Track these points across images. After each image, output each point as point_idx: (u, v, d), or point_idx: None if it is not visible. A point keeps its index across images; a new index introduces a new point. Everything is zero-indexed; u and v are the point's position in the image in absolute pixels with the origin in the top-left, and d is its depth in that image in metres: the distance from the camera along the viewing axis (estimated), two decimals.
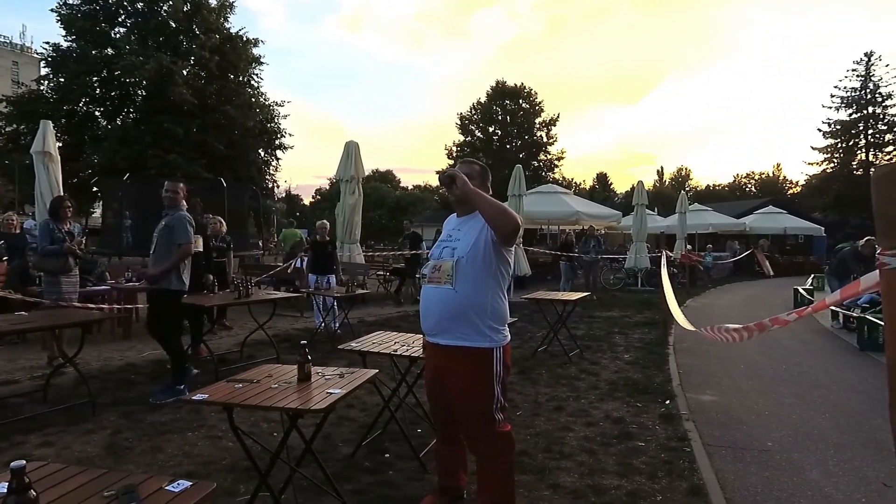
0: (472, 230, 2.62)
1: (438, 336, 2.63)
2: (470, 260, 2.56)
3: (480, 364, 2.53)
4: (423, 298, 2.70)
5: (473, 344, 2.53)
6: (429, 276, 2.66)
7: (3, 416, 4.25)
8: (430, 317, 2.64)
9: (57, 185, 9.93)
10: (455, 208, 2.82)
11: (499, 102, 44.37)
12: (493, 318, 2.57)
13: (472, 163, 2.85)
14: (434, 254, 2.74)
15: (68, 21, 25.67)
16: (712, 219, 23.43)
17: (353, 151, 11.45)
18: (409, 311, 10.33)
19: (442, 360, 2.63)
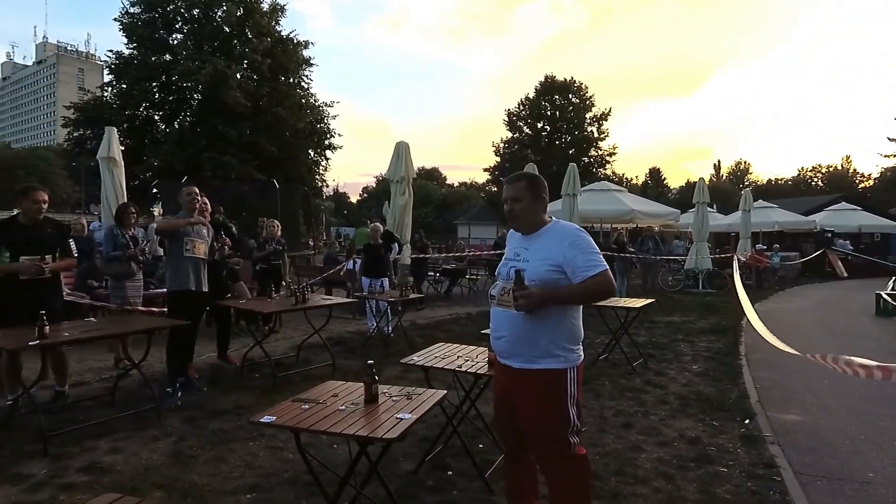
0: (541, 252, 2.46)
1: (510, 359, 2.50)
2: (541, 284, 2.40)
3: (553, 386, 2.41)
4: (493, 320, 2.57)
5: (546, 366, 2.41)
6: (497, 297, 2.51)
7: (75, 419, 4.36)
8: (501, 340, 2.52)
9: (121, 188, 10.26)
10: (515, 228, 2.64)
11: (548, 98, 43.57)
12: (567, 339, 2.45)
13: (516, 179, 2.60)
14: (501, 273, 2.58)
15: (129, 29, 26.68)
16: (778, 216, 22.17)
17: (404, 152, 11.39)
18: (461, 313, 10.25)
19: (513, 381, 2.50)
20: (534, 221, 2.53)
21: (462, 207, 58.15)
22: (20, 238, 4.49)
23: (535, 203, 2.52)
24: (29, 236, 4.51)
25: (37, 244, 4.50)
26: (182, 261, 5.21)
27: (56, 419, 4.32)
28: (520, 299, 2.33)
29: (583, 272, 2.36)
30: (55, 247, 4.64)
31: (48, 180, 43.60)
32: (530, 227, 2.53)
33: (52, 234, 4.70)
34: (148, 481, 3.41)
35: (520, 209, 2.52)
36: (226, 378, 5.70)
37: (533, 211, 2.52)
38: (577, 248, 2.39)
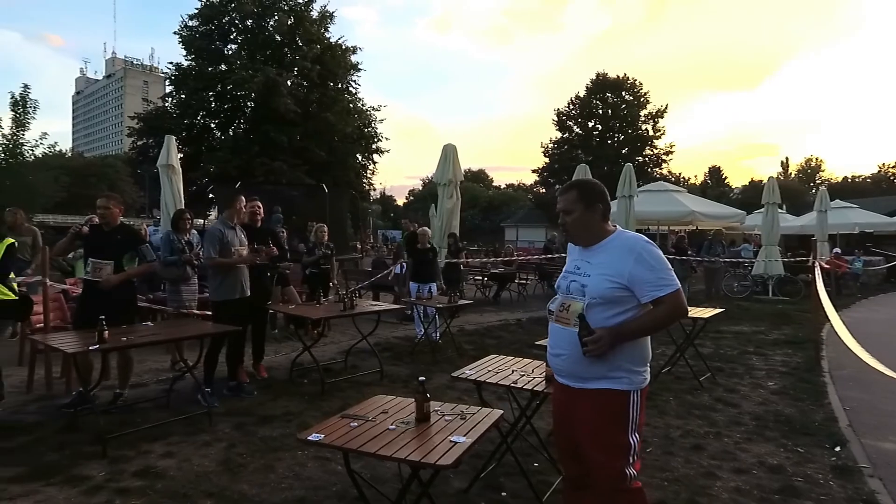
0: (603, 266, 2.26)
1: (568, 378, 2.34)
2: (603, 302, 2.22)
3: (614, 409, 2.22)
4: (551, 336, 2.40)
5: (607, 386, 2.23)
6: (556, 313, 2.34)
7: (132, 421, 4.43)
8: (559, 358, 2.35)
9: (179, 194, 10.57)
10: (574, 242, 2.45)
11: (599, 95, 42.38)
12: (631, 359, 2.25)
13: (566, 190, 2.41)
14: (561, 286, 2.40)
15: (188, 42, 27.68)
16: (858, 217, 20.54)
17: (451, 154, 11.30)
18: (510, 319, 10.05)
19: (571, 401, 2.34)
20: (591, 233, 2.33)
21: (509, 209, 57.76)
22: (91, 241, 4.85)
23: (589, 213, 2.32)
24: (100, 240, 4.81)
25: (106, 248, 4.76)
26: (231, 270, 5.24)
27: (115, 420, 4.40)
28: (589, 345, 2.16)
29: (651, 291, 2.18)
30: (122, 251, 4.81)
31: (116, 187, 45.67)
32: (588, 238, 2.35)
33: (121, 239, 4.85)
34: (199, 489, 3.41)
35: (572, 222, 2.35)
36: (275, 383, 5.71)
37: (587, 222, 2.33)
38: (643, 263, 2.20)
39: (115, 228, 4.87)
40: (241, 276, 5.35)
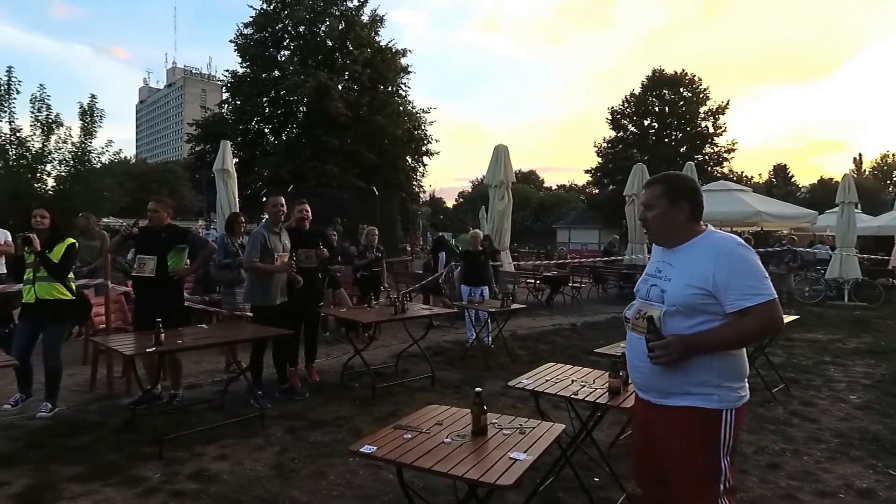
0: (686, 269, 2.02)
1: (649, 392, 2.12)
2: (684, 311, 1.99)
3: (702, 429, 1.97)
4: (628, 346, 2.20)
5: (693, 403, 1.98)
6: (632, 321, 2.14)
7: (188, 423, 4.46)
8: (637, 370, 2.13)
9: (234, 198, 10.79)
10: (655, 241, 2.23)
11: (655, 93, 41.04)
12: (723, 373, 1.99)
13: (650, 183, 2.20)
14: (640, 291, 2.18)
15: (243, 49, 28.49)
16: None
17: (503, 155, 11.17)
18: (564, 323, 9.78)
19: (652, 418, 2.11)
20: (675, 232, 2.10)
21: (561, 211, 56.96)
22: (140, 240, 5.01)
23: (673, 210, 2.08)
24: (147, 238, 4.97)
25: (152, 245, 4.91)
26: (266, 276, 5.24)
27: (171, 421, 4.45)
28: (655, 351, 1.95)
29: (738, 300, 1.91)
30: (167, 248, 4.92)
31: (176, 191, 47.53)
32: (671, 238, 2.12)
33: (166, 236, 4.97)
34: (251, 493, 3.39)
35: (653, 218, 2.12)
36: (326, 386, 5.69)
37: (671, 220, 2.09)
38: (731, 267, 1.94)
39: (162, 228, 5.02)
40: (277, 282, 5.31)
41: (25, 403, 4.81)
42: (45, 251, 4.67)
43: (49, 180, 16.84)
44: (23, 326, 4.82)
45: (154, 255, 4.85)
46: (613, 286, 14.05)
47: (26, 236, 4.61)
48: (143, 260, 4.88)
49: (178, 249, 4.99)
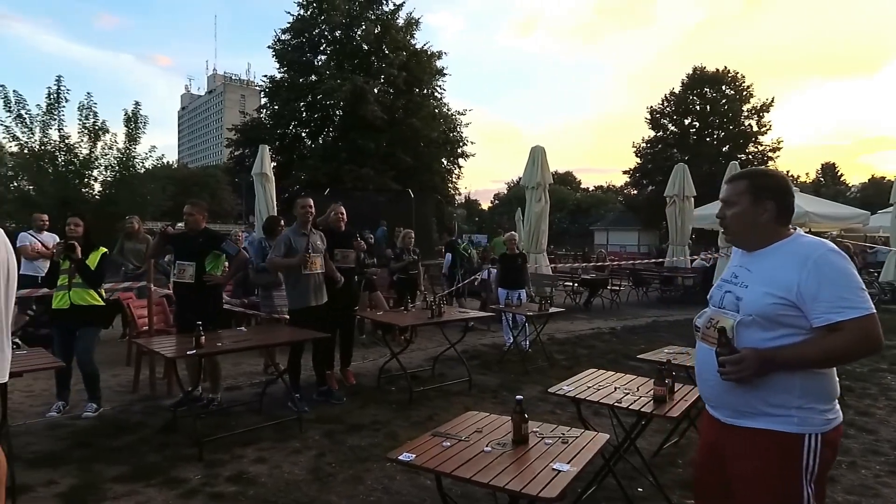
0: (766, 276, 1.81)
1: (718, 409, 1.93)
2: (762, 321, 1.78)
3: (780, 454, 1.76)
4: (697, 357, 2.00)
5: (769, 426, 1.77)
6: (703, 330, 1.94)
7: (227, 425, 4.50)
8: (707, 384, 1.93)
9: (272, 201, 10.96)
10: (733, 242, 2.02)
11: (696, 91, 39.94)
12: (804, 394, 1.76)
13: (733, 179, 1.98)
14: (713, 297, 1.98)
15: (281, 55, 28.97)
16: None
17: (539, 157, 11.05)
18: (603, 327, 9.58)
19: (722, 437, 1.91)
20: (756, 233, 1.89)
21: (598, 212, 56.23)
22: (178, 245, 5.12)
23: (756, 209, 1.87)
24: (185, 244, 5.07)
25: (190, 251, 4.99)
26: (300, 278, 5.24)
27: (210, 423, 4.49)
28: (726, 366, 1.75)
29: (828, 314, 1.69)
30: (203, 253, 4.99)
31: (216, 195, 48.68)
32: (752, 240, 1.92)
33: (203, 242, 5.04)
34: (290, 497, 3.38)
35: (732, 216, 1.92)
36: (363, 390, 5.68)
37: (752, 219, 1.88)
38: (821, 276, 1.72)
39: (199, 233, 5.09)
40: (312, 284, 5.30)
41: (70, 405, 4.94)
42: (83, 259, 4.78)
43: (96, 185, 17.44)
44: (58, 332, 4.91)
45: (192, 261, 4.93)
46: (654, 289, 13.75)
47: (69, 243, 4.69)
48: (182, 266, 4.96)
49: (215, 255, 5.06)
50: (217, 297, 5.21)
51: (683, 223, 13.78)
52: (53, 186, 15.91)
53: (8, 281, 2.52)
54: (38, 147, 15.99)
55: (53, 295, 4.86)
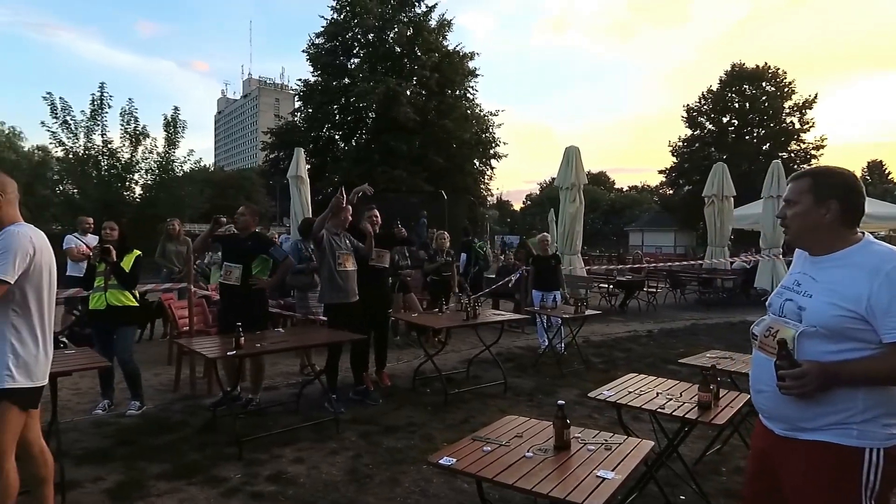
0: (833, 286, 1.71)
1: (773, 421, 1.85)
2: (826, 333, 1.69)
3: (839, 468, 1.68)
4: (753, 366, 1.91)
5: (828, 439, 1.69)
6: (760, 338, 1.85)
7: (265, 425, 4.56)
8: (762, 395, 1.85)
9: (307, 203, 11.10)
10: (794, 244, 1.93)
11: (735, 88, 38.87)
12: (868, 408, 1.67)
13: (796, 177, 1.89)
14: (772, 305, 1.88)
15: (315, 59, 29.33)
16: None
17: (574, 157, 10.93)
18: (640, 330, 9.42)
19: (776, 450, 1.83)
20: (819, 236, 1.80)
21: (632, 213, 55.44)
22: (227, 246, 5.23)
23: (818, 210, 1.78)
24: (234, 245, 5.16)
25: (239, 253, 5.07)
26: (334, 275, 5.29)
27: (249, 423, 4.56)
28: (786, 380, 1.67)
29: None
30: (252, 256, 5.06)
31: (251, 198, 49.46)
32: (815, 244, 1.83)
33: (251, 245, 5.11)
34: (328, 498, 3.41)
35: (793, 216, 1.83)
36: (398, 391, 5.69)
37: (815, 221, 1.79)
38: (894, 288, 1.61)
39: (248, 236, 5.17)
40: (346, 281, 5.34)
41: (115, 403, 5.08)
42: (119, 262, 4.91)
43: (136, 188, 17.97)
44: (96, 333, 5.05)
45: (240, 263, 4.99)
46: (691, 291, 13.47)
47: (105, 247, 4.84)
48: (229, 268, 5.04)
49: (262, 259, 5.11)
50: (262, 301, 5.25)
51: (723, 223, 13.47)
52: (97, 190, 16.43)
53: (50, 284, 2.60)
54: (83, 152, 16.54)
55: (90, 296, 5.00)
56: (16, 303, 2.43)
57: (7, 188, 2.52)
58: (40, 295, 2.52)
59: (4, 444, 2.44)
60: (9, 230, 2.43)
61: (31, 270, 2.45)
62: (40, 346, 2.52)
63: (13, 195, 2.54)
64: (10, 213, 2.50)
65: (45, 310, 2.55)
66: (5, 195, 2.50)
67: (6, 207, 2.49)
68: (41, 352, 2.53)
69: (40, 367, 2.53)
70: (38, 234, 2.54)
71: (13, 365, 2.41)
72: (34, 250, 2.44)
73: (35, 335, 2.50)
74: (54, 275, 2.66)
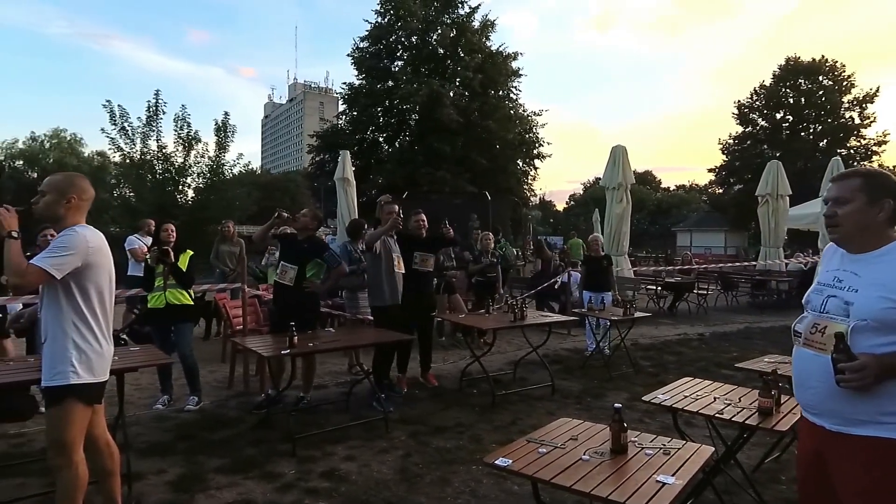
0: (880, 280, 1.74)
1: (821, 417, 1.85)
2: (876, 326, 1.70)
3: (892, 463, 1.68)
4: (797, 365, 1.93)
5: (883, 434, 1.69)
6: (804, 335, 1.87)
7: (316, 423, 4.66)
8: (810, 391, 1.87)
9: (353, 205, 11.28)
10: (837, 242, 1.94)
11: (789, 83, 37.33)
12: None
13: (845, 176, 1.91)
14: (812, 302, 1.91)
15: (359, 62, 29.76)
16: None
17: (620, 156, 10.77)
18: (690, 333, 9.19)
19: (825, 446, 1.84)
20: (868, 235, 1.83)
21: (680, 213, 54.11)
22: (284, 247, 5.37)
23: (871, 209, 1.81)
24: (291, 246, 5.28)
25: (295, 253, 5.18)
26: (384, 277, 5.38)
27: (301, 421, 4.65)
28: (846, 373, 1.68)
29: None
30: (307, 259, 5.16)
31: (296, 200, 50.51)
32: (862, 242, 1.84)
33: (307, 248, 5.23)
34: (380, 496, 3.45)
35: (844, 215, 1.84)
36: (445, 392, 5.71)
37: (866, 220, 1.81)
38: None
39: (305, 238, 5.29)
40: (396, 284, 5.44)
41: (174, 398, 5.27)
42: (176, 262, 5.10)
43: (189, 191, 18.60)
44: (155, 330, 5.25)
45: (295, 264, 5.11)
46: (743, 293, 13.06)
47: (164, 249, 5.08)
48: (285, 268, 5.17)
49: (317, 263, 5.22)
50: (314, 302, 5.36)
51: (777, 223, 13.02)
52: (152, 193, 17.09)
53: (109, 283, 2.73)
54: (139, 156, 17.22)
55: (149, 296, 5.21)
56: (77, 301, 2.54)
57: (84, 193, 2.68)
58: (100, 293, 2.63)
59: (72, 438, 2.55)
60: (71, 229, 2.57)
61: (90, 269, 2.57)
62: (101, 342, 2.63)
63: (86, 202, 2.70)
64: (76, 216, 2.65)
65: (105, 308, 2.67)
66: (79, 199, 2.65)
67: (75, 210, 2.64)
68: (102, 348, 2.63)
69: (102, 363, 2.64)
70: (97, 234, 2.66)
71: (76, 361, 2.52)
72: (90, 251, 2.56)
73: (95, 332, 2.60)
74: (113, 274, 2.78)
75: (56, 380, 2.50)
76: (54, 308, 2.53)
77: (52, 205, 2.59)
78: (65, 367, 2.50)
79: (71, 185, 2.65)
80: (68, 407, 2.52)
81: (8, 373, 3.39)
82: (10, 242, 2.43)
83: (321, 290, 5.41)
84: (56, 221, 2.63)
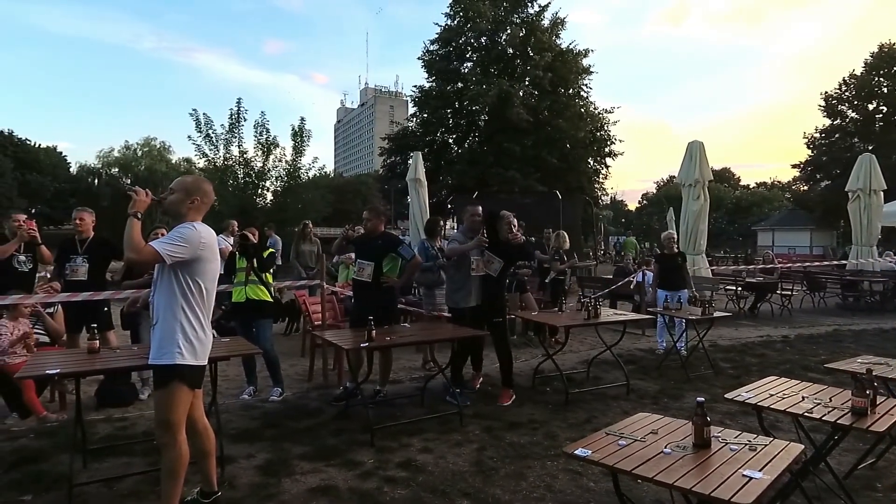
0: None
1: None
2: None
3: None
4: None
5: None
6: None
7: (393, 415, 4.81)
8: None
9: (425, 205, 11.48)
10: None
11: (884, 71, 34.63)
12: None
13: None
14: None
15: (429, 65, 30.11)
16: None
17: (697, 152, 10.42)
18: (773, 335, 8.76)
19: None
20: None
21: (761, 211, 51.44)
22: (359, 245, 5.54)
23: None
24: (365, 244, 5.44)
25: (369, 251, 5.36)
26: (465, 280, 5.43)
27: (378, 413, 4.80)
28: None
29: None
30: (382, 254, 5.31)
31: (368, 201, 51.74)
32: None
33: (381, 244, 5.38)
34: (456, 487, 3.52)
35: None
36: (518, 390, 5.72)
37: None
38: None
39: (378, 235, 5.44)
40: (475, 286, 5.47)
41: (258, 389, 5.56)
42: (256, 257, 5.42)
43: (268, 195, 19.47)
44: (239, 325, 5.56)
45: (371, 261, 5.28)
46: (831, 295, 12.29)
47: (243, 234, 5.48)
48: (361, 265, 5.36)
49: (392, 258, 5.37)
50: (391, 297, 5.52)
51: (870, 220, 12.16)
52: (234, 197, 18.01)
53: (215, 278, 2.97)
54: (222, 162, 18.19)
55: (233, 291, 5.53)
56: (185, 289, 2.80)
57: (206, 196, 2.96)
58: (206, 286, 2.88)
59: (177, 418, 2.80)
60: (190, 224, 2.84)
61: (199, 263, 2.81)
62: (204, 330, 2.88)
63: (206, 204, 2.98)
64: (195, 215, 2.92)
65: (208, 299, 2.91)
66: (202, 201, 2.94)
67: (196, 210, 2.92)
68: (205, 335, 2.89)
69: (203, 349, 2.88)
70: (211, 232, 2.91)
71: (182, 343, 2.77)
72: (202, 245, 2.80)
73: (201, 319, 2.86)
74: (218, 270, 3.02)
75: (164, 358, 2.75)
76: (166, 294, 2.78)
77: (177, 203, 2.88)
78: (172, 347, 2.75)
79: (197, 189, 2.94)
80: (174, 389, 2.76)
81: (116, 359, 3.72)
82: (133, 221, 2.72)
83: (399, 285, 5.54)
84: (177, 217, 2.90)
